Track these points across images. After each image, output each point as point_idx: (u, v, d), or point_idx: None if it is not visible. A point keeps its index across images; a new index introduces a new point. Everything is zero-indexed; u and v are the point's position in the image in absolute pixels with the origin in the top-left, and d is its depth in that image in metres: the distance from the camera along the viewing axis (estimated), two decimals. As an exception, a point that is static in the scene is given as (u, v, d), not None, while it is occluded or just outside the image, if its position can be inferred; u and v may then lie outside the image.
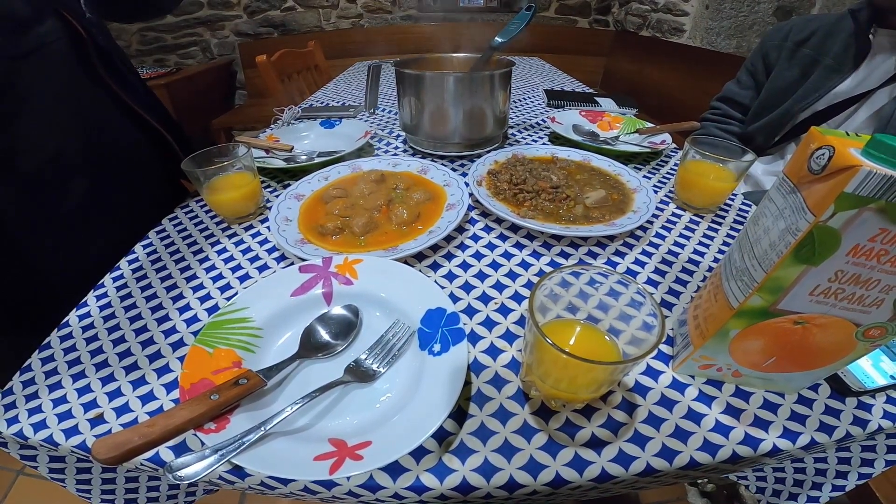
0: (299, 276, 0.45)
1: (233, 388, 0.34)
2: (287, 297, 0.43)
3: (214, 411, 0.32)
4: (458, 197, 0.59)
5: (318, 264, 0.46)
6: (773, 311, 0.30)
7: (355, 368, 0.38)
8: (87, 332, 0.45)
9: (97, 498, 0.42)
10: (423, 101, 0.74)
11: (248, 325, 0.41)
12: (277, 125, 1.03)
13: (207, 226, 0.62)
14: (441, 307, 0.41)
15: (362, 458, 0.30)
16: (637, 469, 0.32)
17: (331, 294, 0.44)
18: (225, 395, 0.33)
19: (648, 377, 0.39)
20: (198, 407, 0.31)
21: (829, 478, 0.43)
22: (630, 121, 0.91)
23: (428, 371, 0.36)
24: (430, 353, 0.38)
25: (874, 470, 0.41)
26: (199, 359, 0.37)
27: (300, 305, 0.43)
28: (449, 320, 0.40)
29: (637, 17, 2.42)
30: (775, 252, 0.27)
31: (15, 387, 0.39)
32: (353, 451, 0.31)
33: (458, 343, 0.37)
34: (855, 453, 0.41)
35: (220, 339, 0.39)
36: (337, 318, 0.42)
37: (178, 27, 2.60)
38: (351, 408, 0.36)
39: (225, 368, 0.37)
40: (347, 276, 0.45)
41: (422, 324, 0.41)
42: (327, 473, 0.29)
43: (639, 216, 0.55)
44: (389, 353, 0.39)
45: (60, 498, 1.05)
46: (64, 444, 0.35)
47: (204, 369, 0.36)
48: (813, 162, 0.25)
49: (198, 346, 0.38)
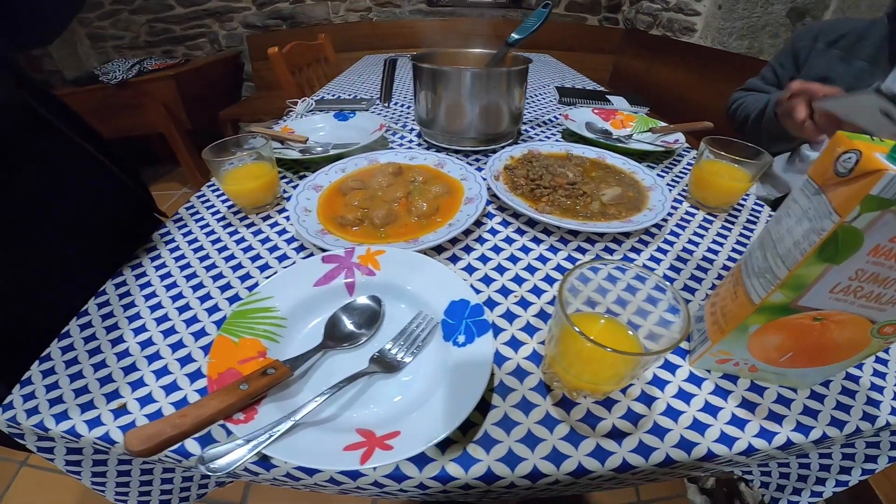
0: (322, 266, 0.46)
1: (261, 379, 0.34)
2: (310, 287, 0.44)
3: (244, 402, 0.32)
4: (477, 191, 0.60)
5: (341, 255, 0.47)
6: (793, 308, 0.31)
7: (380, 359, 0.38)
8: (106, 320, 0.45)
9: (111, 491, 0.42)
10: (441, 95, 0.74)
11: (273, 314, 0.41)
12: (291, 117, 1.04)
13: (224, 215, 0.62)
14: (465, 299, 0.41)
15: (392, 448, 0.30)
16: (657, 459, 0.33)
17: (353, 284, 0.45)
18: (254, 385, 0.33)
19: (666, 371, 0.40)
20: (228, 397, 0.31)
21: (833, 473, 0.44)
22: (643, 119, 0.92)
23: (452, 362, 0.37)
24: (455, 344, 0.38)
25: (877, 466, 0.42)
26: (225, 348, 0.37)
27: (323, 295, 0.44)
28: (473, 312, 0.40)
29: (647, 15, 2.41)
30: (799, 250, 0.28)
31: (34, 376, 0.39)
32: (382, 441, 0.31)
33: (483, 334, 0.38)
34: (859, 449, 0.42)
35: (246, 329, 0.39)
36: (361, 307, 0.43)
37: (187, 18, 2.60)
38: (376, 398, 0.36)
39: (251, 358, 0.37)
40: (370, 266, 0.46)
41: (445, 315, 0.41)
42: (358, 463, 0.29)
43: (654, 214, 0.55)
44: (413, 343, 0.39)
45: (62, 489, 1.06)
46: (87, 435, 0.35)
47: (230, 359, 0.36)
48: (840, 165, 0.26)
49: (223, 336, 0.38)
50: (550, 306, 0.46)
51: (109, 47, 2.60)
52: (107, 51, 2.61)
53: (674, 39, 2.19)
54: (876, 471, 0.42)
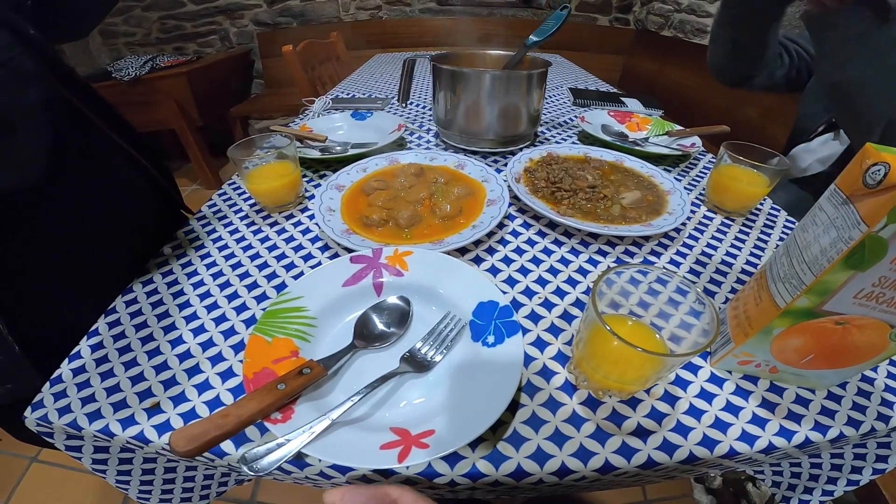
0: (351, 267, 0.46)
1: (298, 378, 0.34)
2: (339, 287, 0.44)
3: (281, 401, 0.33)
4: (499, 193, 0.61)
5: (369, 255, 0.47)
6: (817, 312, 0.32)
7: (410, 358, 0.39)
8: (134, 318, 0.45)
9: (135, 489, 0.42)
10: (460, 96, 0.75)
11: (304, 314, 0.42)
12: (308, 115, 1.05)
13: (248, 214, 0.63)
14: (493, 300, 0.42)
15: (428, 446, 0.31)
16: (681, 457, 0.34)
17: (381, 285, 0.46)
18: (291, 384, 0.33)
19: (688, 371, 0.41)
20: (266, 397, 0.32)
21: (845, 472, 0.45)
22: (659, 122, 0.93)
23: (482, 362, 0.38)
24: (484, 344, 0.39)
25: (888, 466, 0.43)
26: (258, 348, 0.37)
27: (351, 295, 0.44)
28: (502, 313, 0.41)
29: (659, 16, 2.41)
30: (826, 258, 0.29)
31: (64, 374, 0.39)
32: (418, 439, 0.32)
33: (513, 335, 0.39)
34: (870, 449, 0.43)
35: (278, 328, 0.39)
36: (390, 307, 0.43)
37: (198, 15, 2.62)
38: (407, 397, 0.37)
39: (284, 358, 0.37)
40: (398, 267, 0.47)
41: (474, 316, 0.42)
42: (396, 461, 0.30)
43: (674, 217, 0.56)
44: (443, 343, 0.40)
45: (72, 486, 1.07)
46: (121, 434, 0.35)
47: (264, 358, 0.37)
48: (868, 177, 0.27)
49: (257, 335, 0.38)
50: (574, 308, 0.47)
51: (121, 44, 2.62)
52: (119, 48, 2.63)
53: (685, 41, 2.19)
54: (886, 470, 0.43)
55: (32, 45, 0.45)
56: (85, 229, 0.51)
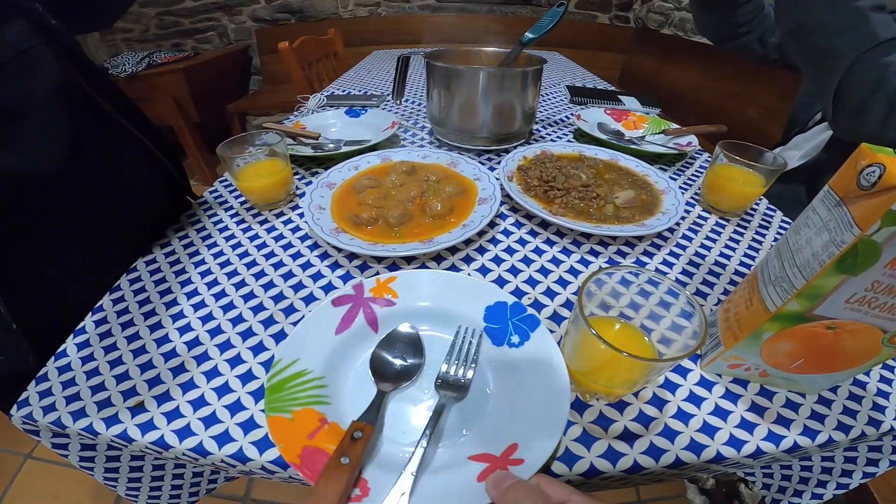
0: (336, 311, 0.42)
1: (356, 445, 0.31)
2: (333, 337, 0.40)
3: (353, 475, 0.30)
4: (490, 191, 0.60)
5: (351, 293, 0.43)
6: (808, 316, 0.31)
7: (444, 383, 0.36)
8: (121, 316, 0.45)
9: (123, 486, 0.42)
10: (454, 94, 0.75)
11: (309, 377, 0.37)
12: (302, 112, 1.04)
13: (238, 211, 0.63)
14: (500, 301, 0.41)
15: (523, 460, 0.30)
16: (667, 461, 0.34)
17: (375, 320, 0.42)
18: (353, 454, 0.30)
19: (677, 374, 0.40)
20: (341, 477, 0.29)
21: (835, 476, 0.44)
22: (655, 121, 0.92)
23: (517, 362, 0.37)
24: (510, 345, 0.38)
25: (878, 470, 0.42)
26: (283, 428, 0.33)
27: (349, 340, 0.40)
28: (514, 311, 0.40)
29: (659, 14, 2.39)
30: (817, 261, 0.29)
31: (50, 373, 0.39)
32: (508, 457, 0.31)
33: (536, 328, 0.38)
34: (861, 453, 0.42)
35: (291, 402, 0.35)
36: (397, 339, 0.40)
37: (197, 11, 2.61)
38: (463, 423, 0.35)
39: (317, 429, 0.34)
40: (387, 297, 0.43)
41: (486, 322, 0.41)
42: None
43: (668, 217, 0.56)
44: (468, 358, 0.38)
45: (67, 482, 1.06)
46: (104, 433, 0.34)
47: (298, 437, 0.33)
48: (863, 178, 0.26)
49: (274, 416, 0.34)
50: (564, 309, 0.46)
51: (119, 40, 2.61)
52: (116, 44, 2.61)
53: (686, 39, 2.17)
54: (877, 474, 0.43)
55: (52, 35, 0.46)
56: (92, 213, 0.52)
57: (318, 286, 0.49)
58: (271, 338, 0.43)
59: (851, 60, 0.54)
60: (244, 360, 0.41)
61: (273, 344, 0.42)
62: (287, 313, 0.45)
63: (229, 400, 0.37)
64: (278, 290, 0.48)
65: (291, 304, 0.47)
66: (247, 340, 0.42)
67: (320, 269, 0.51)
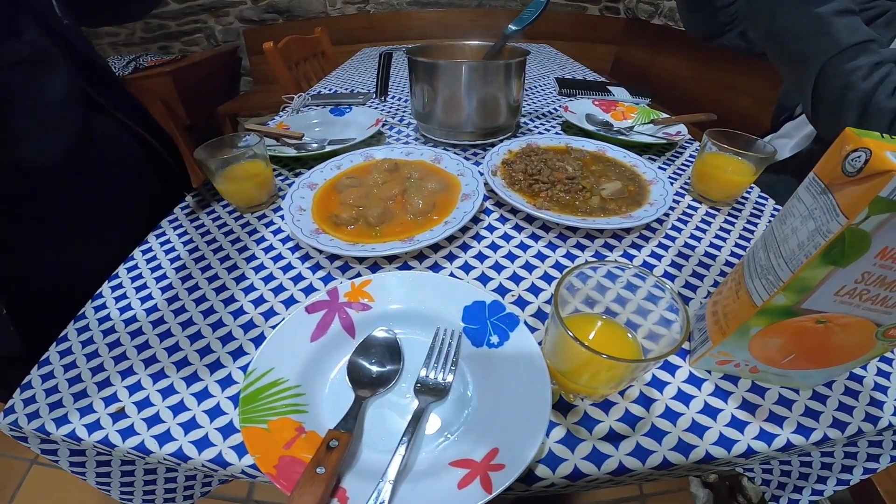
0: (310, 318, 0.41)
1: (332, 455, 0.30)
2: (308, 344, 0.39)
3: (329, 485, 0.29)
4: (473, 187, 0.59)
5: (325, 299, 0.42)
6: (796, 311, 0.30)
7: (424, 388, 0.36)
8: (103, 323, 0.44)
9: (116, 490, 0.42)
10: (437, 89, 0.73)
11: (285, 385, 0.36)
12: (287, 112, 1.03)
13: (220, 215, 0.62)
14: (478, 300, 0.40)
15: (503, 465, 0.29)
16: (654, 463, 0.33)
17: (351, 325, 0.41)
18: (329, 463, 0.29)
19: (665, 371, 0.39)
20: (317, 487, 0.28)
21: (835, 472, 0.43)
22: (644, 111, 0.90)
23: (497, 363, 0.36)
24: (490, 346, 0.37)
25: (879, 465, 0.41)
26: (259, 438, 0.33)
27: (325, 347, 0.39)
28: (493, 310, 0.39)
29: (649, 4, 2.37)
30: (803, 252, 0.27)
31: (34, 381, 0.39)
32: (488, 462, 0.30)
33: (516, 327, 0.37)
34: (861, 448, 0.41)
35: (267, 411, 0.34)
36: (374, 345, 0.39)
37: (183, 14, 2.58)
38: (443, 427, 0.34)
39: (293, 438, 0.33)
40: (363, 301, 0.42)
41: (465, 322, 0.40)
42: (486, 494, 0.27)
43: (655, 209, 0.54)
44: (447, 360, 0.37)
45: (73, 487, 1.07)
46: (87, 439, 0.35)
47: (273, 447, 0.32)
48: (848, 164, 0.25)
49: (249, 427, 0.33)
50: (548, 305, 0.45)
51: (105, 44, 2.58)
52: (103, 48, 2.59)
53: (676, 29, 2.15)
54: (878, 470, 0.41)
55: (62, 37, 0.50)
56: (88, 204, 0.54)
57: (298, 289, 0.48)
58: (251, 342, 0.42)
59: (820, 65, 0.56)
60: (223, 364, 0.40)
61: (253, 348, 0.42)
62: (267, 317, 0.45)
63: (209, 405, 0.37)
64: (258, 294, 0.47)
65: (272, 307, 0.46)
66: (226, 345, 0.42)
67: (301, 272, 0.50)
